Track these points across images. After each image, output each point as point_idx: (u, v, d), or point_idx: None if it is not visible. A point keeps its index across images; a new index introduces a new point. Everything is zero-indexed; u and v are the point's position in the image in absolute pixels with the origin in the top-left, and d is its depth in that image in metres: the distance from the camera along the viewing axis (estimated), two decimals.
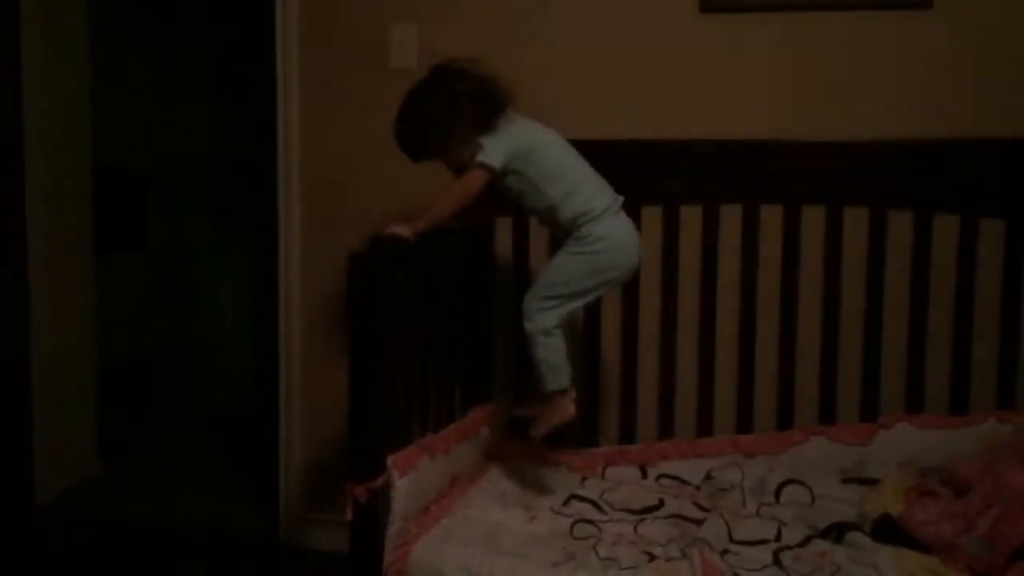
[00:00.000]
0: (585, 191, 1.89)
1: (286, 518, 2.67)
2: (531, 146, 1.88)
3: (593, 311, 2.33)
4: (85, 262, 3.20)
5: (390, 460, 1.74)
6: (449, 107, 1.86)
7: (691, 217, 2.32)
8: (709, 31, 2.30)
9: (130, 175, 5.19)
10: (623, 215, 1.93)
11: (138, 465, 3.41)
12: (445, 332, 2.09)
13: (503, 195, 1.94)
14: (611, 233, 1.88)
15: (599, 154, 2.31)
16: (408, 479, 1.76)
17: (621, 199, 1.94)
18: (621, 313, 2.34)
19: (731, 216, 2.30)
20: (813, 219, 2.26)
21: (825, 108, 2.26)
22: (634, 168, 2.32)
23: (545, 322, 1.89)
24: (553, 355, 1.90)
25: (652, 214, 2.33)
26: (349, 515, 1.70)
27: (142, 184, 5.35)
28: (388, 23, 2.49)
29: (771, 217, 2.28)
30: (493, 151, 1.84)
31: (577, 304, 1.93)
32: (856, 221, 2.24)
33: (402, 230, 1.82)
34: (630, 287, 2.33)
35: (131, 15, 5.09)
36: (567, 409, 1.93)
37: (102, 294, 3.36)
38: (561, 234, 1.93)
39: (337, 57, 2.54)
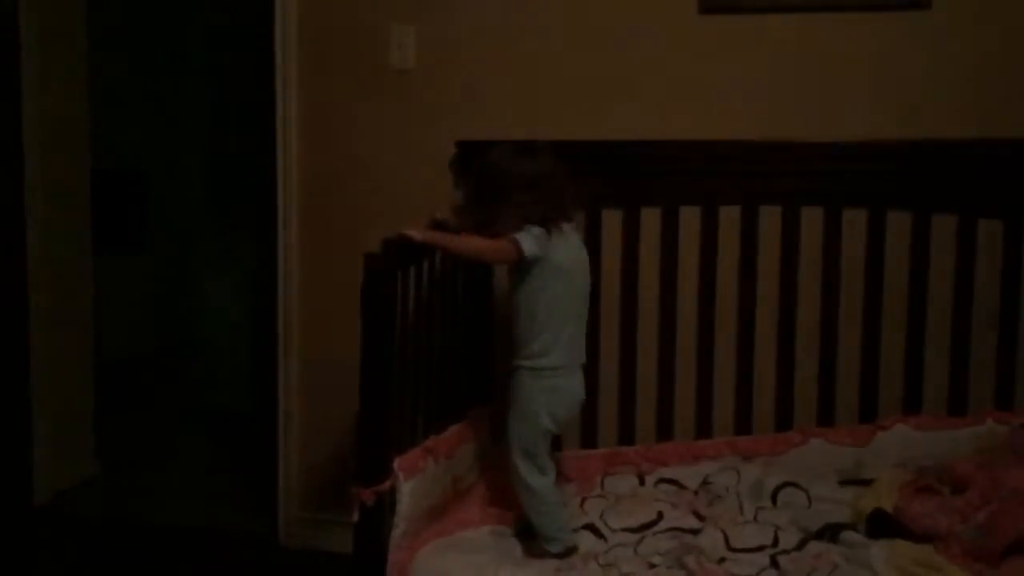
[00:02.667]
0: (563, 341, 1.85)
1: (285, 519, 2.67)
2: (564, 264, 1.85)
3: (593, 311, 2.31)
4: (84, 263, 3.20)
5: (396, 463, 1.74)
6: (524, 178, 1.84)
7: (690, 218, 2.32)
8: (708, 31, 2.30)
9: (128, 176, 5.19)
10: (578, 373, 1.91)
11: (137, 465, 3.40)
12: (448, 332, 2.09)
13: (510, 274, 1.91)
14: (545, 390, 1.85)
15: (598, 155, 2.32)
16: (413, 482, 1.77)
17: (582, 361, 1.92)
18: (619, 314, 2.34)
19: (731, 217, 2.30)
20: (812, 220, 2.26)
21: (824, 108, 2.26)
22: (633, 169, 2.33)
23: (539, 484, 1.84)
24: (554, 521, 1.84)
25: (651, 215, 2.33)
26: (355, 517, 1.70)
27: (140, 185, 5.35)
28: (387, 24, 2.49)
29: (770, 218, 2.28)
30: (532, 241, 1.80)
31: (545, 445, 1.88)
32: (855, 222, 2.24)
33: (415, 234, 1.81)
34: (629, 287, 2.33)
35: (129, 16, 5.08)
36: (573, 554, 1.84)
37: (100, 295, 3.35)
38: (515, 344, 1.89)
39: (336, 57, 2.54)
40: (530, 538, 1.87)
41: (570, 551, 1.82)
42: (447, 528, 1.85)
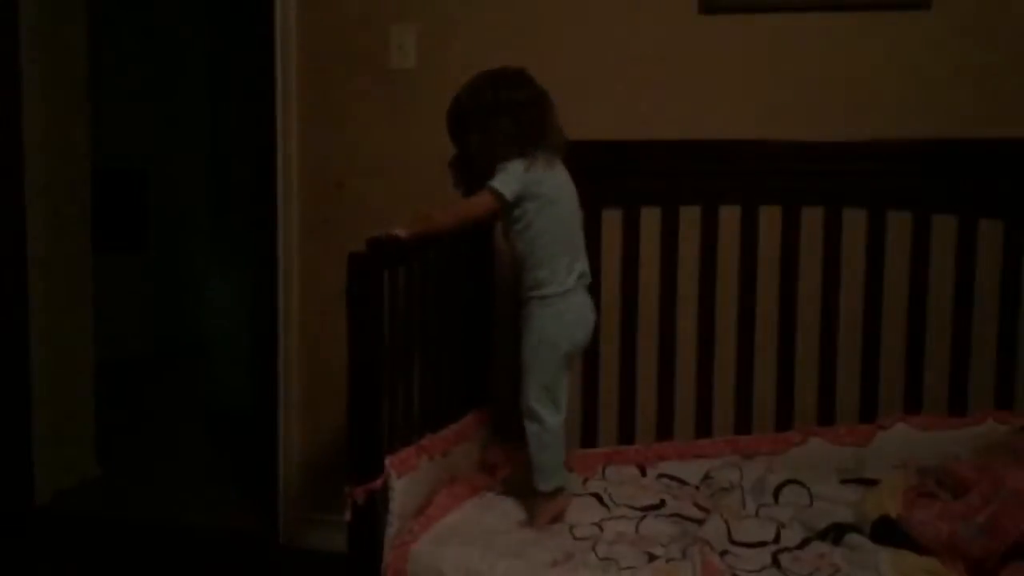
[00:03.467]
0: (563, 265, 1.87)
1: (285, 518, 2.67)
2: (550, 193, 1.86)
3: None
4: (84, 262, 3.20)
5: (388, 461, 1.74)
6: (503, 112, 1.84)
7: (690, 217, 2.31)
8: (709, 31, 2.30)
9: (128, 175, 5.19)
10: (584, 293, 1.93)
11: (137, 465, 3.41)
12: (444, 333, 2.09)
13: (500, 216, 1.92)
14: (561, 312, 1.88)
15: (598, 154, 2.32)
16: (406, 480, 1.77)
17: (588, 280, 1.93)
18: (620, 313, 2.34)
19: (730, 217, 2.30)
20: (812, 219, 2.26)
21: (825, 108, 2.26)
22: (634, 169, 2.33)
23: (553, 419, 1.88)
24: (554, 456, 1.89)
25: (651, 214, 2.33)
26: (348, 516, 1.71)
27: (140, 184, 5.35)
28: (387, 24, 2.49)
29: (770, 218, 2.28)
30: (510, 181, 1.81)
31: (563, 377, 1.91)
32: (855, 222, 2.24)
33: (400, 232, 1.82)
34: (629, 287, 2.33)
35: (129, 15, 5.08)
36: (564, 503, 1.91)
37: (101, 294, 3.35)
38: (521, 279, 1.92)
39: (336, 57, 2.54)
40: (517, 493, 1.92)
41: (559, 491, 1.87)
42: (433, 516, 1.85)
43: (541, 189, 1.84)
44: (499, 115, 1.84)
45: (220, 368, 4.19)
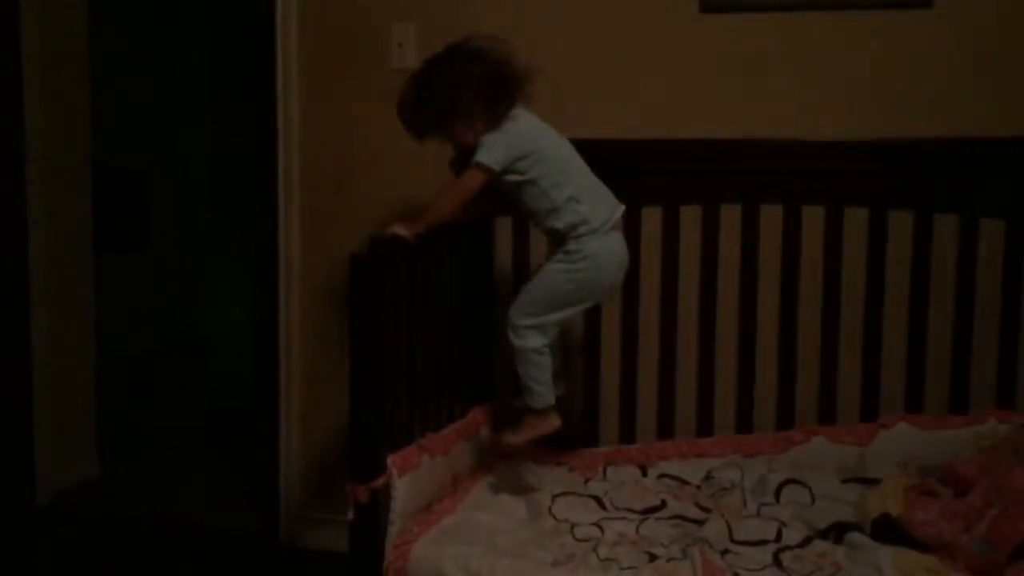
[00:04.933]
0: (587, 200, 1.86)
1: (286, 517, 2.67)
2: (536, 150, 1.84)
3: (594, 311, 2.33)
4: (85, 261, 3.20)
5: (390, 460, 1.74)
6: (457, 85, 1.81)
7: (691, 217, 2.31)
8: (710, 31, 2.30)
9: (130, 174, 5.18)
10: (617, 232, 1.91)
11: (138, 465, 3.41)
12: (445, 332, 2.09)
13: (501, 190, 1.91)
14: (601, 251, 1.86)
15: (599, 154, 2.31)
16: (408, 478, 1.77)
17: (622, 209, 1.92)
18: (621, 312, 2.34)
19: (731, 216, 2.30)
20: (813, 219, 2.26)
21: (825, 108, 2.26)
22: (634, 168, 2.33)
23: (535, 340, 1.87)
24: (541, 373, 1.89)
25: (652, 214, 2.33)
26: (350, 515, 1.71)
27: (142, 183, 5.34)
28: (387, 22, 2.49)
29: (771, 217, 2.28)
30: (494, 151, 1.81)
31: (561, 318, 1.91)
32: (856, 221, 2.24)
33: (402, 230, 1.81)
34: (630, 287, 2.33)
35: (131, 14, 5.08)
36: (551, 422, 1.92)
37: (102, 293, 3.35)
38: (554, 237, 1.91)
39: (336, 56, 2.54)
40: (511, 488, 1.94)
41: (549, 409, 1.88)
42: (434, 517, 1.85)
43: (526, 146, 1.83)
44: (463, 90, 1.81)
45: (221, 367, 4.20)
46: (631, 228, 2.33)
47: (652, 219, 2.33)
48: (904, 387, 2.23)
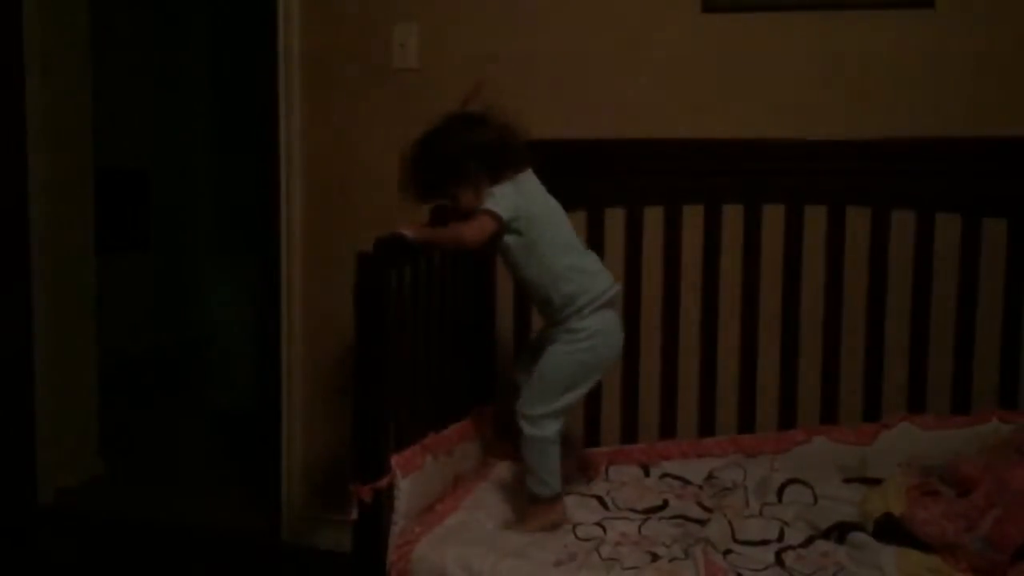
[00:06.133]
0: (587, 270, 1.86)
1: (288, 516, 2.67)
2: (538, 213, 1.84)
3: None
4: (87, 261, 3.20)
5: (394, 460, 1.74)
6: (461, 153, 1.82)
7: (693, 217, 2.31)
8: (711, 30, 2.30)
9: (131, 174, 5.19)
10: (613, 311, 1.89)
11: (140, 464, 3.41)
12: (449, 331, 2.09)
13: (502, 256, 1.90)
14: (604, 327, 1.85)
15: (601, 154, 2.33)
16: (412, 479, 1.77)
17: (618, 287, 1.90)
18: (623, 313, 2.34)
19: (733, 216, 2.30)
20: (815, 219, 2.25)
21: (828, 107, 2.26)
22: (636, 168, 2.33)
23: (550, 428, 1.84)
24: (553, 462, 1.85)
25: (654, 214, 2.33)
26: (353, 515, 1.71)
27: (143, 183, 5.35)
28: (390, 23, 2.49)
29: (773, 217, 2.28)
30: (502, 201, 1.80)
31: (575, 399, 1.89)
32: (858, 221, 2.24)
33: (408, 231, 1.82)
34: (632, 286, 2.33)
35: (132, 15, 5.08)
36: (559, 511, 1.86)
37: (104, 293, 3.36)
38: (551, 313, 1.87)
39: (338, 57, 2.54)
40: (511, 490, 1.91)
41: (556, 498, 1.84)
42: (436, 518, 1.84)
43: (532, 208, 1.83)
44: (465, 158, 1.83)
45: (223, 366, 4.21)
46: (634, 227, 2.34)
47: (654, 219, 2.33)
48: (906, 387, 2.23)
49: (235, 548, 2.67)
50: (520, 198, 1.82)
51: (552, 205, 1.90)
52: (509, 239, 1.84)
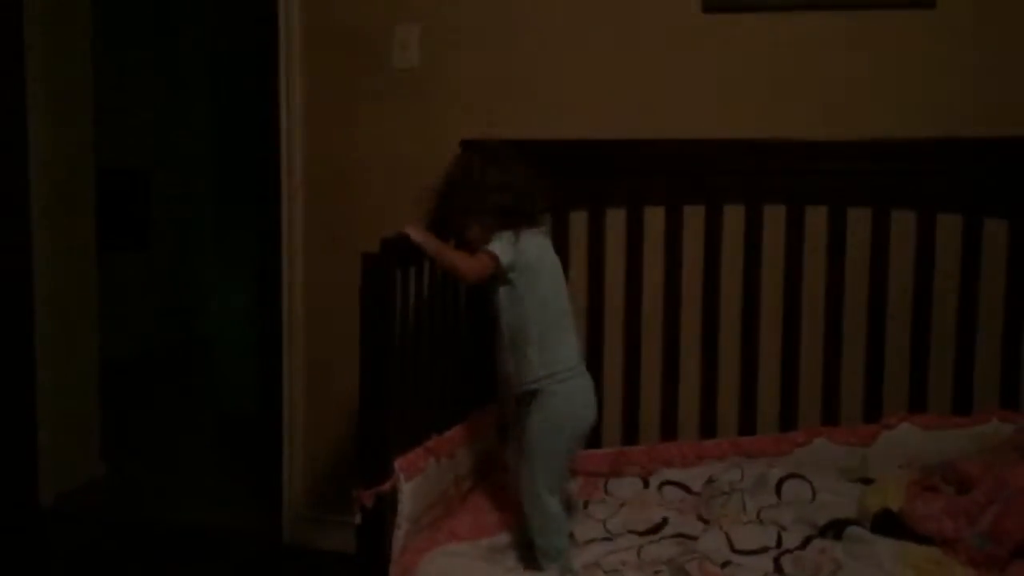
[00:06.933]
0: (561, 345, 1.85)
1: (289, 518, 2.67)
2: (539, 264, 1.85)
3: (596, 311, 2.33)
4: (88, 261, 3.20)
5: (397, 464, 1.74)
6: (489, 182, 1.86)
7: (693, 217, 2.31)
8: (712, 31, 2.30)
9: (133, 174, 5.20)
10: (585, 376, 1.88)
11: (141, 465, 3.41)
12: (451, 332, 2.09)
13: (487, 298, 1.90)
14: (573, 393, 1.84)
15: (601, 154, 2.32)
16: (414, 482, 1.77)
17: (583, 364, 1.90)
18: (623, 314, 2.34)
19: (733, 216, 2.30)
20: (815, 219, 2.25)
21: (828, 108, 2.25)
22: (636, 168, 2.33)
23: (552, 506, 1.81)
24: (563, 539, 1.82)
25: (654, 215, 2.33)
26: (357, 519, 1.70)
27: (144, 183, 5.36)
28: (391, 23, 2.49)
29: (773, 217, 2.28)
30: (504, 246, 1.81)
31: (566, 463, 1.89)
32: (859, 221, 2.24)
33: (413, 233, 1.82)
34: (632, 287, 2.33)
35: (133, 16, 5.09)
36: None
37: (105, 293, 3.36)
38: (518, 376, 1.86)
39: (339, 57, 2.54)
40: (528, 551, 1.84)
41: (567, 571, 1.79)
42: (438, 539, 1.83)
43: (529, 260, 1.84)
44: (491, 193, 1.86)
45: (224, 367, 4.21)
46: (634, 227, 2.34)
47: (654, 220, 2.33)
48: (907, 387, 2.22)
49: (236, 549, 2.67)
50: (520, 247, 1.83)
51: (551, 267, 1.90)
52: (501, 289, 1.85)
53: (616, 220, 2.35)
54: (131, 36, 5.09)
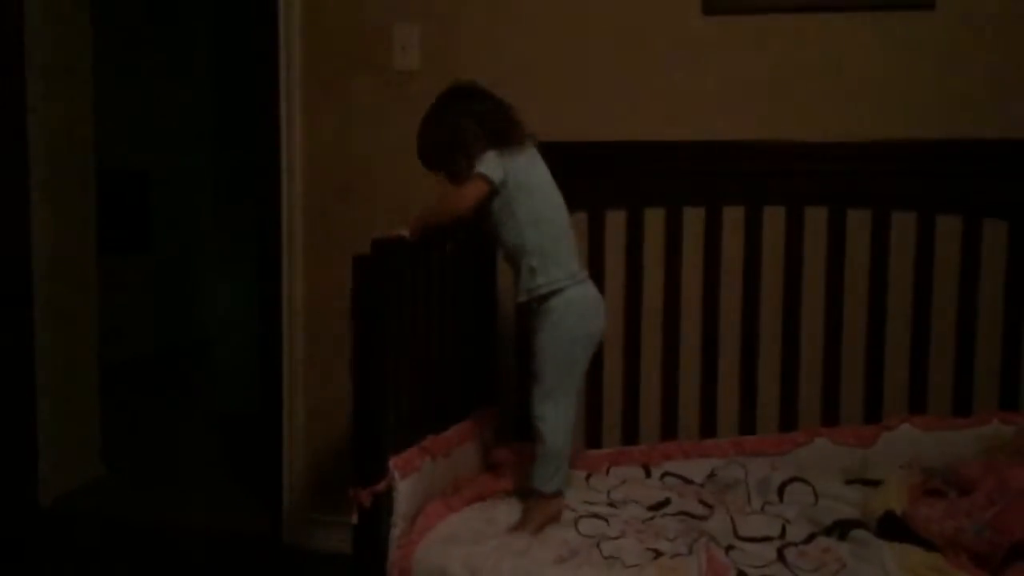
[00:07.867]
0: (560, 256, 1.87)
1: (289, 518, 2.67)
2: (529, 181, 1.87)
3: None
4: (88, 263, 3.20)
5: (392, 463, 1.74)
6: (462, 115, 1.89)
7: (693, 219, 2.31)
8: (712, 32, 2.30)
9: (132, 176, 5.20)
10: (589, 284, 1.92)
11: (141, 466, 3.41)
12: (448, 333, 2.09)
13: (483, 216, 1.91)
14: (576, 300, 1.86)
15: (601, 156, 2.32)
16: (410, 481, 1.77)
17: (585, 273, 1.93)
18: (624, 314, 2.34)
19: (733, 217, 2.30)
20: (816, 220, 2.25)
21: (828, 109, 2.26)
22: (636, 170, 2.33)
23: (560, 420, 1.85)
24: (563, 462, 1.88)
25: (655, 215, 2.33)
26: (354, 519, 1.71)
27: (144, 185, 5.36)
28: (390, 24, 2.49)
29: (773, 218, 2.28)
30: (494, 164, 1.84)
31: (579, 376, 1.91)
32: (859, 222, 2.24)
33: (405, 232, 1.83)
34: (633, 288, 2.33)
35: (133, 16, 5.09)
36: (559, 504, 1.89)
37: (105, 295, 3.36)
38: (520, 286, 1.90)
39: (339, 58, 2.54)
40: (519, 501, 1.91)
41: (557, 492, 1.86)
42: (432, 520, 1.84)
43: (518, 176, 1.86)
44: (464, 120, 1.89)
45: (224, 368, 4.20)
46: (634, 229, 2.34)
47: (655, 220, 2.33)
48: (907, 388, 2.22)
49: (236, 550, 2.67)
50: (510, 162, 1.85)
51: (544, 180, 1.91)
52: (494, 202, 1.87)
53: (616, 221, 2.35)
54: (131, 36, 5.09)
